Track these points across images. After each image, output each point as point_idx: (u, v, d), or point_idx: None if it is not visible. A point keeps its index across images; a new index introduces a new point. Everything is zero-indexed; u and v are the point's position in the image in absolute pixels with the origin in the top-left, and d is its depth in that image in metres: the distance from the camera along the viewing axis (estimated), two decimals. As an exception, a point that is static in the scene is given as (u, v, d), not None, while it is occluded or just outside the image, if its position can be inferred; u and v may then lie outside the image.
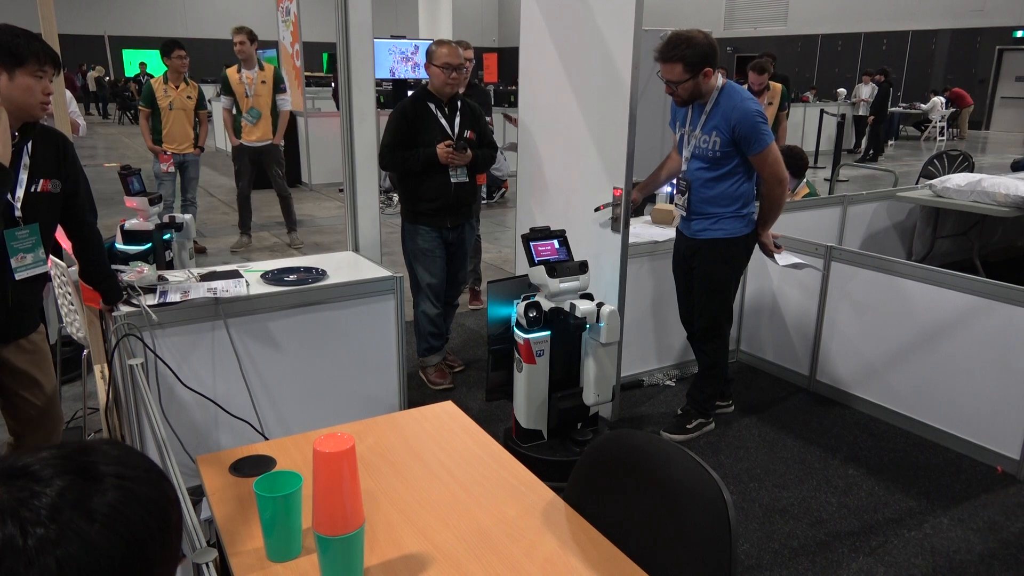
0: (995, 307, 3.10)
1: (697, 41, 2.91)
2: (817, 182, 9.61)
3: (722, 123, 2.97)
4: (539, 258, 2.86)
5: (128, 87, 20.26)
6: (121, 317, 2.39)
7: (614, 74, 3.07)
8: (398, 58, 10.35)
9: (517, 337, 2.88)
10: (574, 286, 2.84)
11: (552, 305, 2.84)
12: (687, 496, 1.37)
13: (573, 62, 3.34)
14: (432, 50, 3.58)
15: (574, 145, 3.39)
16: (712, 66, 2.95)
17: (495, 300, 3.02)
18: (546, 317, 2.85)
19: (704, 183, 3.09)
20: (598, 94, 3.22)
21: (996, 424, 3.14)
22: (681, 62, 2.91)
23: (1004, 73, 18.45)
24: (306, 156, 10.12)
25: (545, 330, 2.87)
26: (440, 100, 3.60)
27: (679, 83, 2.96)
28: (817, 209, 4.87)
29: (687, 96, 3.00)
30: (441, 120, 3.59)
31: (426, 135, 3.55)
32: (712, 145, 3.02)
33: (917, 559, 2.57)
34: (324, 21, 4.28)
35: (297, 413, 2.85)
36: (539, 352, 2.87)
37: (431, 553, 1.36)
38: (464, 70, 3.62)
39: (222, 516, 1.45)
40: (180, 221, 3.37)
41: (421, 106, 3.60)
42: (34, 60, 1.98)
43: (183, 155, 6.08)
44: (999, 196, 4.98)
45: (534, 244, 2.88)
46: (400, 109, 3.62)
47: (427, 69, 3.62)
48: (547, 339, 2.88)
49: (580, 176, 3.40)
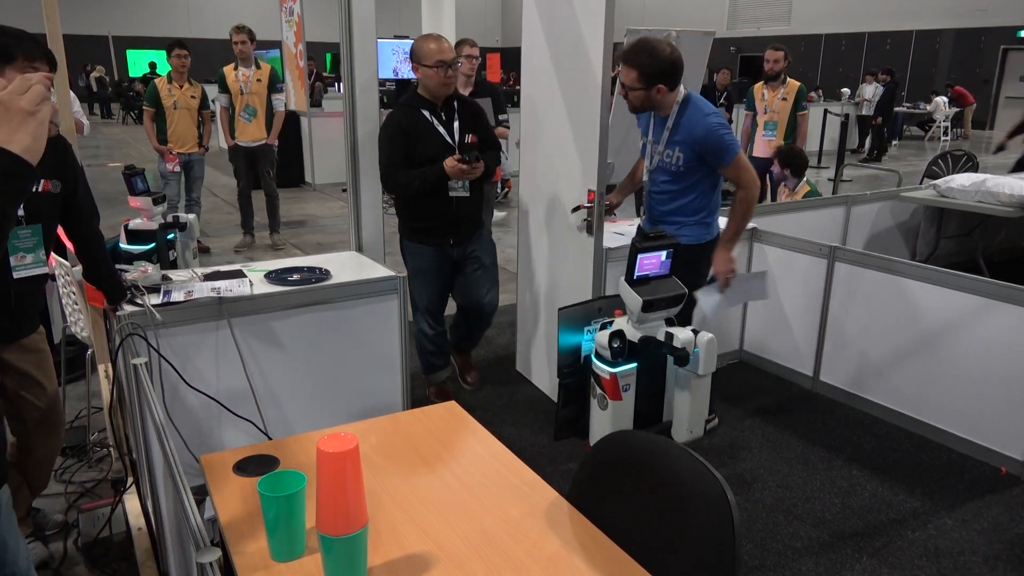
0: (999, 308, 3.09)
1: (660, 55, 2.84)
2: (821, 182, 9.61)
3: (686, 138, 2.92)
4: (640, 272, 2.57)
5: (133, 87, 20.30)
6: (125, 316, 2.39)
7: (590, 76, 3.06)
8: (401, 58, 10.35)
9: (600, 371, 2.59)
10: (665, 315, 2.61)
11: (641, 334, 2.57)
12: (690, 496, 1.37)
13: (561, 63, 3.34)
14: (417, 48, 3.15)
15: (560, 146, 3.39)
16: (668, 85, 2.89)
17: (566, 328, 2.74)
18: (631, 347, 2.56)
19: (670, 195, 3.04)
20: (577, 95, 3.23)
21: (1000, 425, 3.13)
22: (638, 70, 2.86)
23: (1008, 73, 18.39)
24: (309, 156, 10.13)
25: (631, 362, 2.58)
26: (434, 104, 3.21)
27: (631, 89, 2.91)
28: (821, 209, 4.86)
29: (638, 104, 2.96)
30: (438, 128, 3.21)
31: (423, 148, 3.17)
32: (676, 160, 2.97)
33: (921, 560, 2.57)
34: (327, 21, 4.27)
35: (301, 413, 2.86)
36: (625, 387, 2.60)
37: (434, 553, 1.36)
38: (460, 64, 3.32)
39: (226, 516, 1.45)
40: (184, 221, 3.37)
41: (414, 115, 3.20)
42: (24, 57, 1.98)
43: (188, 155, 6.10)
44: (1003, 196, 4.96)
45: (642, 257, 2.55)
46: (393, 122, 3.18)
47: (416, 71, 3.21)
48: (634, 372, 2.59)
49: (563, 177, 3.41)
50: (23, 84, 1.17)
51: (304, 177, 10.24)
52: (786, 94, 6.08)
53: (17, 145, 1.12)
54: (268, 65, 6.40)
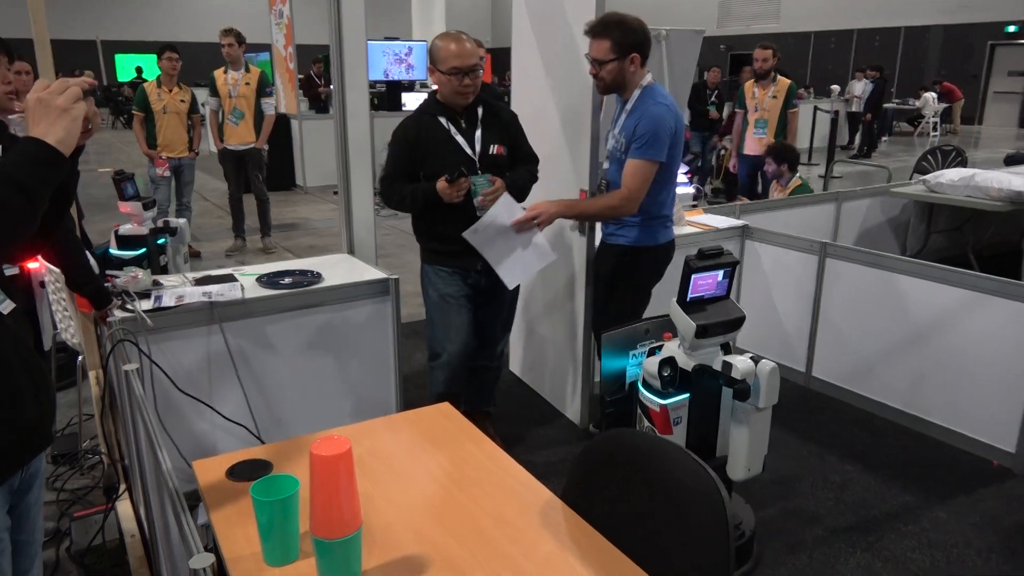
0: (990, 301, 3.11)
1: (632, 24, 2.75)
2: (811, 179, 9.64)
3: (631, 123, 2.79)
4: (694, 294, 2.31)
5: (122, 92, 20.21)
6: (116, 322, 2.38)
7: (581, 76, 3.04)
8: (392, 60, 10.35)
9: (649, 402, 2.34)
10: (721, 340, 2.36)
11: (694, 362, 2.31)
12: (685, 494, 1.38)
13: (552, 63, 3.34)
14: (434, 49, 2.75)
15: (551, 146, 3.38)
16: (641, 54, 2.77)
17: (610, 352, 2.54)
18: (683, 375, 2.31)
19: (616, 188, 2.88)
20: (568, 95, 3.22)
21: (992, 418, 3.15)
22: (611, 39, 2.73)
23: (996, 68, 18.50)
24: (300, 158, 10.10)
25: (683, 392, 2.32)
26: (453, 111, 2.81)
27: (604, 63, 2.76)
28: (812, 206, 4.88)
29: (610, 80, 2.80)
30: (457, 137, 2.78)
31: (434, 160, 2.76)
32: (621, 146, 2.85)
33: (915, 553, 2.58)
34: (317, 23, 4.25)
35: (294, 416, 2.85)
36: (677, 420, 2.34)
37: (429, 555, 1.36)
38: (481, 72, 2.78)
39: (219, 521, 1.44)
40: (174, 226, 3.37)
41: (429, 121, 2.80)
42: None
43: (178, 159, 6.08)
44: (992, 191, 4.99)
45: (696, 278, 2.29)
46: (402, 129, 2.84)
47: (431, 75, 2.87)
48: (686, 403, 2.34)
49: (555, 177, 3.39)
50: (62, 85, 1.32)
51: (295, 180, 10.22)
52: (776, 92, 6.10)
53: (52, 137, 1.27)
54: (258, 69, 6.39)
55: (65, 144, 1.29)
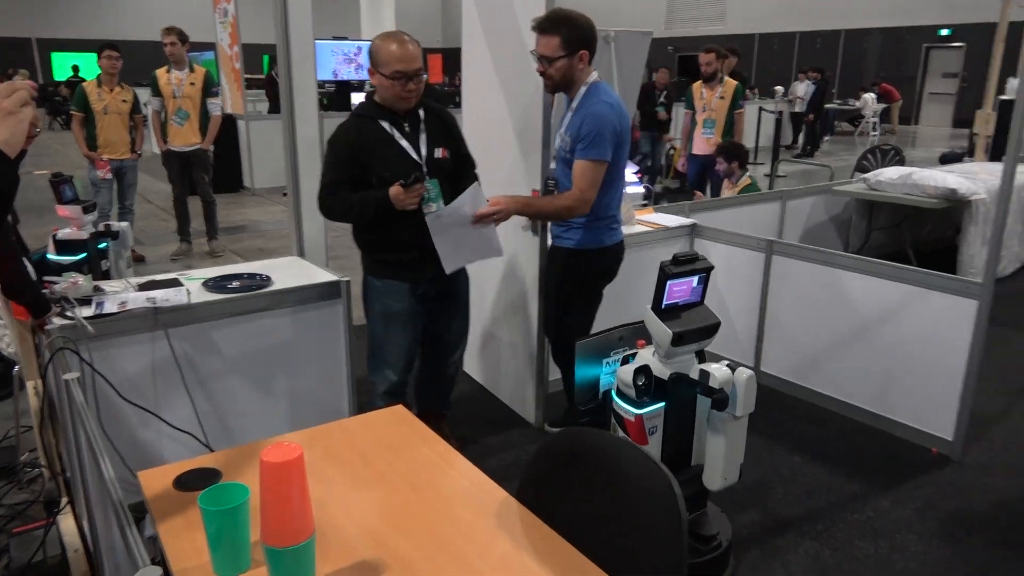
0: (927, 295, 3.22)
1: (577, 20, 2.74)
2: (758, 178, 9.86)
3: (576, 122, 2.78)
4: (669, 301, 2.26)
5: (59, 91, 19.52)
6: (55, 330, 2.30)
7: (531, 76, 3.02)
8: (340, 59, 10.25)
9: (623, 412, 2.30)
10: (696, 348, 2.33)
11: (670, 371, 2.29)
12: (639, 491, 1.39)
13: (502, 63, 3.34)
14: (376, 51, 2.60)
15: (503, 145, 3.38)
16: (590, 51, 2.76)
17: (584, 361, 2.50)
18: (658, 383, 2.28)
19: (562, 190, 2.88)
20: (519, 95, 3.23)
21: (930, 407, 3.26)
22: (559, 36, 2.71)
23: (931, 69, 19.21)
24: (247, 160, 9.91)
25: (658, 401, 2.29)
26: (395, 114, 2.68)
27: (553, 59, 2.74)
28: (757, 204, 4.99)
29: (559, 78, 2.78)
30: (401, 142, 2.67)
31: (381, 165, 2.64)
32: (567, 146, 2.83)
33: (861, 541, 2.66)
34: (264, 22, 4.18)
35: (243, 423, 2.79)
36: (652, 429, 2.30)
37: (384, 559, 1.35)
38: (424, 76, 2.64)
39: (166, 533, 1.41)
40: (116, 229, 3.27)
41: (369, 125, 2.66)
42: None
43: (120, 161, 5.91)
44: (929, 188, 5.18)
45: (671, 284, 2.24)
46: (341, 134, 2.67)
47: (372, 77, 2.68)
48: (661, 412, 2.30)
49: (507, 176, 3.40)
50: (8, 88, 1.33)
51: (243, 181, 10.02)
52: (724, 93, 6.22)
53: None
54: (203, 68, 6.25)
55: (10, 145, 1.29)
